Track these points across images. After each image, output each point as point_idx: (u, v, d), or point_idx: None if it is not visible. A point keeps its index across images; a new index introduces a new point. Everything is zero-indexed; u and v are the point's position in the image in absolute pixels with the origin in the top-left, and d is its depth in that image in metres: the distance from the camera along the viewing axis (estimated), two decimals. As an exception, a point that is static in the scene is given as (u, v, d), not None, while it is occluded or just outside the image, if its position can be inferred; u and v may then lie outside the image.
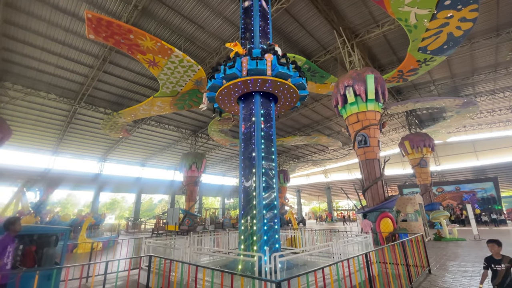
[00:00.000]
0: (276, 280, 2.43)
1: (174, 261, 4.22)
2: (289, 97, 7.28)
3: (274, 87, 6.79)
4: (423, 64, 13.97)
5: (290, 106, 7.84)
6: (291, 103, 7.68)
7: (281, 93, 7.10)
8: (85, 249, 11.27)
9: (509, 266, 3.11)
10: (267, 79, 6.39)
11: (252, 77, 6.35)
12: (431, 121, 26.91)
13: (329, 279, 3.29)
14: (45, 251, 4.36)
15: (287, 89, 6.89)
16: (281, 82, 6.57)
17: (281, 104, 7.69)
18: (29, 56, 13.91)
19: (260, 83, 6.56)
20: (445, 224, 13.42)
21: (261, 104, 6.85)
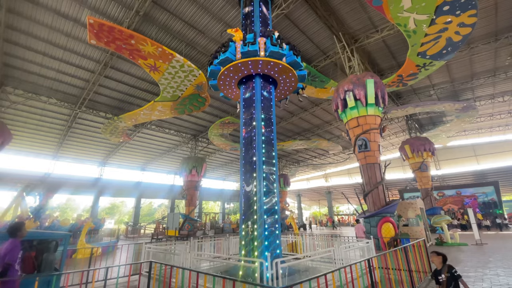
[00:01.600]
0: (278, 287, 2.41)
1: (175, 267, 4.18)
2: (288, 80, 7.41)
3: (271, 68, 6.92)
4: (422, 68, 14.05)
5: (291, 90, 7.95)
6: (290, 87, 7.80)
7: (279, 75, 7.23)
8: (84, 255, 11.18)
9: (449, 276, 3.09)
10: (259, 60, 6.55)
11: (244, 60, 6.53)
12: (431, 125, 26.95)
13: (332, 285, 3.25)
14: (45, 256, 4.33)
15: (284, 71, 7.02)
16: (275, 62, 6.68)
17: (282, 88, 7.83)
18: (31, 61, 13.99)
19: (253, 65, 6.71)
20: (446, 229, 13.33)
21: (261, 87, 6.98)
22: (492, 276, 6.48)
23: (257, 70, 6.91)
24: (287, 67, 6.90)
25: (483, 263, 8.31)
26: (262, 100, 6.82)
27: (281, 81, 7.47)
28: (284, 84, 7.62)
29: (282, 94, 8.29)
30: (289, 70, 7.01)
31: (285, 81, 7.49)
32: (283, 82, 7.51)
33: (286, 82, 7.51)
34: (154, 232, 22.91)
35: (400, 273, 4.96)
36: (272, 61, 6.61)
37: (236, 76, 7.23)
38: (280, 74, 7.16)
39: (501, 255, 9.66)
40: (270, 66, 6.80)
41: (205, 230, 23.96)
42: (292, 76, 7.25)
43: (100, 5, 11.51)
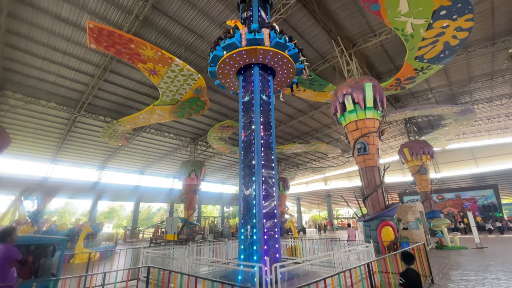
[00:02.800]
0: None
1: (173, 272, 4.14)
2: (286, 71, 7.57)
3: (271, 58, 7.05)
4: (420, 72, 14.14)
5: (288, 82, 8.13)
6: (287, 79, 7.97)
7: (279, 66, 7.38)
8: (82, 260, 11.08)
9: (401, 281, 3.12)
10: (267, 49, 6.72)
11: (253, 47, 6.67)
12: (429, 128, 27.03)
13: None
14: (42, 261, 4.29)
15: (284, 62, 7.19)
16: (280, 53, 6.86)
17: (279, 80, 7.99)
18: (31, 65, 14.02)
19: (260, 53, 6.86)
20: (446, 232, 13.29)
21: (259, 77, 7.14)
22: (493, 280, 6.45)
23: (259, 60, 7.08)
24: (288, 59, 7.08)
25: (483, 267, 8.27)
26: (261, 103, 6.84)
27: (279, 72, 7.64)
28: (282, 76, 7.81)
29: (278, 87, 8.50)
30: (289, 62, 7.19)
31: (283, 73, 7.68)
32: (281, 73, 7.69)
33: (284, 74, 7.70)
34: (153, 236, 22.78)
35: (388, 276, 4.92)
36: (280, 53, 6.83)
37: (236, 64, 7.35)
38: (280, 65, 7.34)
39: (502, 258, 9.62)
40: (270, 56, 6.97)
41: (204, 234, 23.82)
42: (291, 67, 7.42)
43: (100, 10, 11.59)
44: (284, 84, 8.35)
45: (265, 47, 6.69)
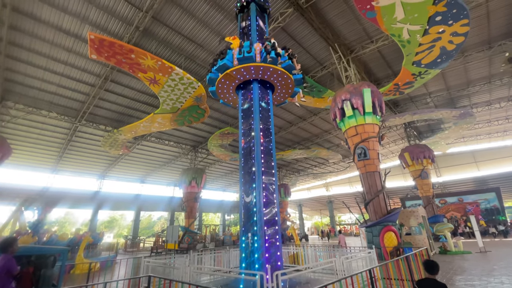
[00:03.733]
0: None
1: (174, 281, 4.11)
2: (284, 83, 7.51)
3: (264, 73, 7.02)
4: (418, 77, 14.26)
5: (289, 92, 8.02)
6: (288, 91, 7.88)
7: (275, 79, 7.34)
8: (82, 270, 10.97)
9: None
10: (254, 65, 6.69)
11: (239, 66, 6.70)
12: (429, 132, 27.07)
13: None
14: (43, 272, 4.27)
15: (281, 75, 7.14)
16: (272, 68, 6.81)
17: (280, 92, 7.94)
18: (32, 76, 14.20)
19: (248, 71, 6.86)
20: (449, 237, 13.17)
21: (259, 97, 7.11)
22: (496, 284, 6.37)
23: (252, 76, 7.10)
24: (283, 72, 7.05)
25: (487, 271, 8.17)
26: (260, 110, 6.90)
27: (278, 85, 7.61)
28: (282, 88, 7.76)
29: (282, 98, 8.44)
30: (284, 73, 7.16)
31: (282, 85, 7.63)
32: (280, 86, 7.66)
33: (283, 86, 7.65)
34: (154, 245, 22.53)
35: (403, 283, 4.88)
36: (264, 65, 6.77)
37: (233, 83, 7.37)
38: (277, 78, 7.32)
39: (506, 262, 9.51)
40: (262, 71, 6.96)
41: (205, 242, 23.59)
42: (288, 78, 7.39)
43: (101, 21, 11.81)
44: (286, 95, 8.31)
45: (254, 64, 6.67)
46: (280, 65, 6.98)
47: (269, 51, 6.70)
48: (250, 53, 6.66)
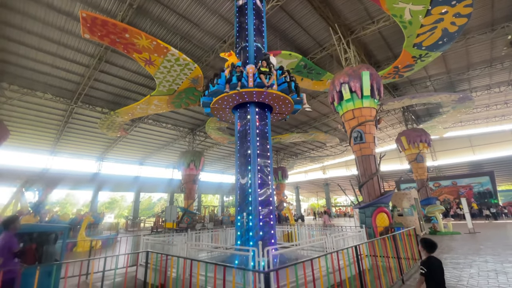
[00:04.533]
0: (264, 270, 2.54)
1: (170, 255, 4.32)
2: (283, 104, 7.08)
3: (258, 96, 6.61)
4: (418, 60, 14.05)
5: (289, 110, 7.59)
6: (288, 108, 7.44)
7: (273, 101, 6.90)
8: (84, 248, 11.36)
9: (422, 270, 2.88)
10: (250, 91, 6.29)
11: (231, 92, 6.33)
12: (427, 116, 27.07)
13: (319, 273, 3.38)
14: (45, 249, 4.45)
15: (277, 97, 6.68)
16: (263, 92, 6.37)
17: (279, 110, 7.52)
18: (25, 56, 13.87)
19: (241, 96, 6.50)
20: (440, 218, 13.61)
21: (256, 113, 6.79)
22: (480, 263, 6.70)
23: (246, 100, 6.72)
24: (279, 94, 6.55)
25: (473, 250, 8.55)
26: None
27: (276, 106, 7.20)
28: (280, 108, 7.32)
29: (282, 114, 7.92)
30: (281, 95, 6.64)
31: (280, 105, 7.18)
32: (278, 106, 7.22)
33: (281, 106, 7.19)
34: (154, 225, 23.18)
35: (389, 260, 5.13)
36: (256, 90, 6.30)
37: (228, 106, 7.04)
38: (274, 100, 6.84)
39: (493, 242, 9.93)
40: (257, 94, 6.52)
41: (204, 222, 24.23)
42: (286, 99, 6.88)
43: (93, -2, 11.37)
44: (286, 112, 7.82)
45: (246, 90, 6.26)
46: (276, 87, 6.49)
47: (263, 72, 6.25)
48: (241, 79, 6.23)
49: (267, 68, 6.41)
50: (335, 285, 3.79)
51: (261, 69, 6.30)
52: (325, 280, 3.65)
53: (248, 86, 6.28)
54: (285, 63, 14.83)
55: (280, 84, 6.55)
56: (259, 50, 7.52)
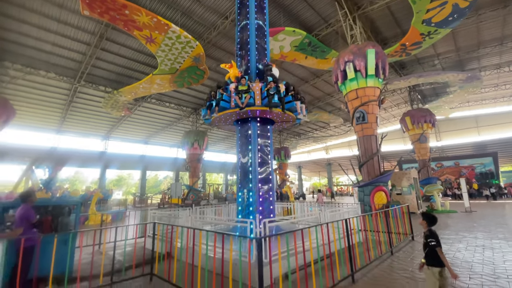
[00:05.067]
0: (257, 237, 2.81)
1: (175, 226, 4.68)
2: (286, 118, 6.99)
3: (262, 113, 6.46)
4: (426, 37, 13.62)
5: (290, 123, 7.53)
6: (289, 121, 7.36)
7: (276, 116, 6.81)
8: (95, 221, 12.02)
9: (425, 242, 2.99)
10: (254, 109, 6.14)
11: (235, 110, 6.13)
12: (434, 96, 26.55)
13: (311, 245, 3.66)
14: (60, 220, 4.83)
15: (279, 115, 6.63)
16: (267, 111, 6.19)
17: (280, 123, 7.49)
18: (26, 34, 13.74)
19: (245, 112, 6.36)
20: (437, 197, 13.92)
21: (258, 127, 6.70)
22: (470, 239, 7.01)
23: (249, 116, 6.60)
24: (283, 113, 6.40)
25: (466, 227, 8.88)
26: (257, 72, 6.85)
27: (279, 120, 7.16)
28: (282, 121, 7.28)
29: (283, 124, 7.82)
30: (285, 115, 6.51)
31: (283, 120, 7.14)
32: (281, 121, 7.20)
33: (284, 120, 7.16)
34: (160, 202, 24.11)
35: (379, 234, 5.43)
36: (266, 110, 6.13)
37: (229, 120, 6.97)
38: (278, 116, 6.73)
39: (487, 221, 10.23)
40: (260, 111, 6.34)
41: (208, 199, 25.09)
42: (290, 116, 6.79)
43: (90, -28, 10.99)
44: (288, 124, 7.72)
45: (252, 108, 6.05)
46: None
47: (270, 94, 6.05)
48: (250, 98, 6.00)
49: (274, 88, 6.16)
50: (325, 256, 4.09)
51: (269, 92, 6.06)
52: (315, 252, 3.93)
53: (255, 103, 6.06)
54: (288, 40, 14.50)
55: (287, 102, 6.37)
56: (260, 28, 7.39)
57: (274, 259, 3.89)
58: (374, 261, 4.92)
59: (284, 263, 3.96)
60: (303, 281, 3.64)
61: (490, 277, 4.13)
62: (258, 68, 6.91)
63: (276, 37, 14.12)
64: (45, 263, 3.83)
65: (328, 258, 4.19)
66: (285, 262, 3.97)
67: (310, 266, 3.95)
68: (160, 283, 4.28)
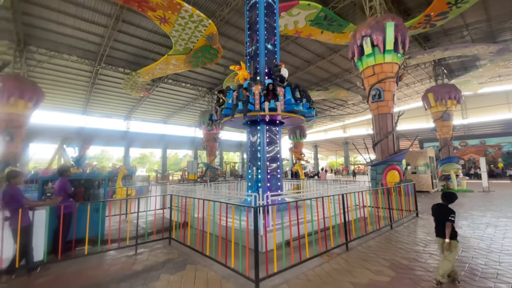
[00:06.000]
0: (254, 206, 3.18)
1: (189, 197, 5.25)
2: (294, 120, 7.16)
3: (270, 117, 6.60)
4: (453, 6, 12.61)
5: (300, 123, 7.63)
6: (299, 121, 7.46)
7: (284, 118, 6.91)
8: (122, 195, 13.17)
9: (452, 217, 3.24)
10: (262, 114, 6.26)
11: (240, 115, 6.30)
12: (462, 70, 24.78)
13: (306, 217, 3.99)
14: (91, 192, 5.53)
15: None
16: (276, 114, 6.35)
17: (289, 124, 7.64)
18: (47, 19, 14.35)
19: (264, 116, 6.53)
20: (454, 176, 13.64)
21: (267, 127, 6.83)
22: (477, 217, 7.04)
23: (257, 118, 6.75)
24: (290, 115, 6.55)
25: (478, 206, 8.82)
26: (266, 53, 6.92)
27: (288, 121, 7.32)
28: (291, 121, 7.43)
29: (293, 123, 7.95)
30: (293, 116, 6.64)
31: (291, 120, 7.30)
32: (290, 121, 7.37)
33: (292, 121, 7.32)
34: (181, 178, 25.50)
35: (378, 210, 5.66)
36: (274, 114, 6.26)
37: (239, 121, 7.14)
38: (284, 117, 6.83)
39: (502, 201, 10.03)
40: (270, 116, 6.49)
41: (225, 177, 26.12)
42: None
43: (103, -47, 11.08)
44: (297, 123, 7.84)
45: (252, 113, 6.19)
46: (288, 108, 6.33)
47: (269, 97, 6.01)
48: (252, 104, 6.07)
49: None
50: (324, 228, 4.45)
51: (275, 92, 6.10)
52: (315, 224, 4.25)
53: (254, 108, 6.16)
54: (303, 15, 14.01)
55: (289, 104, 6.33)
56: (269, 6, 7.32)
57: (278, 227, 4.33)
58: (371, 233, 5.23)
59: (286, 231, 4.38)
60: (299, 248, 4.05)
61: (483, 251, 4.32)
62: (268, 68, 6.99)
63: (290, 12, 13.69)
64: (81, 227, 4.54)
65: (328, 230, 4.53)
66: (286, 231, 4.39)
67: (310, 236, 4.36)
68: (177, 245, 4.91)
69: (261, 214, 3.59)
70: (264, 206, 3.50)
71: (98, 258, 4.35)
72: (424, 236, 5.24)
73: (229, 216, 4.33)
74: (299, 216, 4.26)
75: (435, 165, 14.54)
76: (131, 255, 4.45)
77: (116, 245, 4.83)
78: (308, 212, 4.39)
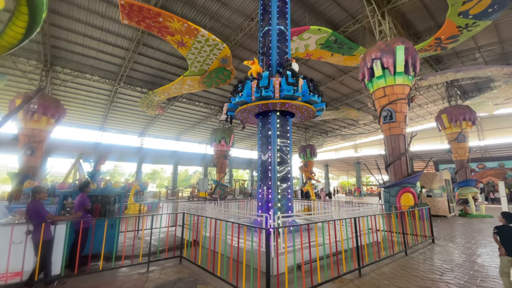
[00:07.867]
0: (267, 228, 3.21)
1: (201, 216, 5.31)
2: (305, 111, 7.32)
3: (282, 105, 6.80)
4: (464, 30, 12.77)
5: (311, 116, 7.82)
6: (310, 114, 7.67)
7: (297, 110, 7.15)
8: (134, 211, 13.37)
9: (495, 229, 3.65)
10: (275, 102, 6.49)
11: (259, 102, 6.54)
12: (476, 91, 24.49)
13: (319, 240, 3.95)
14: (107, 207, 5.70)
15: (299, 107, 6.94)
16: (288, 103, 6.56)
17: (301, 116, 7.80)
18: (74, 42, 15.50)
19: (266, 105, 6.74)
20: (472, 201, 13.10)
21: (278, 120, 7.06)
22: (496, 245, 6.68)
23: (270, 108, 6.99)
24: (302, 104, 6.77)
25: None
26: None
27: (299, 113, 7.47)
28: (302, 114, 7.59)
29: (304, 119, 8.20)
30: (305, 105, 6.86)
31: (303, 113, 7.46)
32: (300, 113, 7.52)
33: (303, 113, 7.47)
34: (190, 195, 25.56)
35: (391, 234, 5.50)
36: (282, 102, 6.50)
37: (252, 112, 7.38)
38: (298, 109, 7.07)
39: (526, 227, 9.49)
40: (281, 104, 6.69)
41: (234, 194, 26.00)
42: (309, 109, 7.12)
43: (129, -16, 12.08)
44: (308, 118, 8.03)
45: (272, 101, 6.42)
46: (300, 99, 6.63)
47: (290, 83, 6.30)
48: (268, 92, 6.30)
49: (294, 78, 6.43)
50: (336, 252, 4.36)
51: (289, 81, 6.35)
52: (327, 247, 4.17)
53: (274, 97, 6.39)
54: (314, 39, 14.50)
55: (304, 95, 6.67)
56: (282, 33, 7.70)
57: (289, 250, 4.30)
58: (385, 259, 5.08)
59: (297, 255, 4.35)
60: (311, 273, 3.97)
61: (504, 282, 4.10)
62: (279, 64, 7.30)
63: (301, 36, 14.22)
64: (96, 243, 4.66)
65: (340, 254, 4.44)
66: (298, 254, 4.35)
67: (322, 259, 4.29)
68: (188, 264, 4.92)
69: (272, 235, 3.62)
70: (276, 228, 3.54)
71: (112, 274, 4.41)
72: (440, 263, 5.03)
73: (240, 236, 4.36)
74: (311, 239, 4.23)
75: (451, 188, 14.04)
76: (143, 273, 4.50)
77: (129, 262, 4.90)
78: (319, 235, 4.36)
